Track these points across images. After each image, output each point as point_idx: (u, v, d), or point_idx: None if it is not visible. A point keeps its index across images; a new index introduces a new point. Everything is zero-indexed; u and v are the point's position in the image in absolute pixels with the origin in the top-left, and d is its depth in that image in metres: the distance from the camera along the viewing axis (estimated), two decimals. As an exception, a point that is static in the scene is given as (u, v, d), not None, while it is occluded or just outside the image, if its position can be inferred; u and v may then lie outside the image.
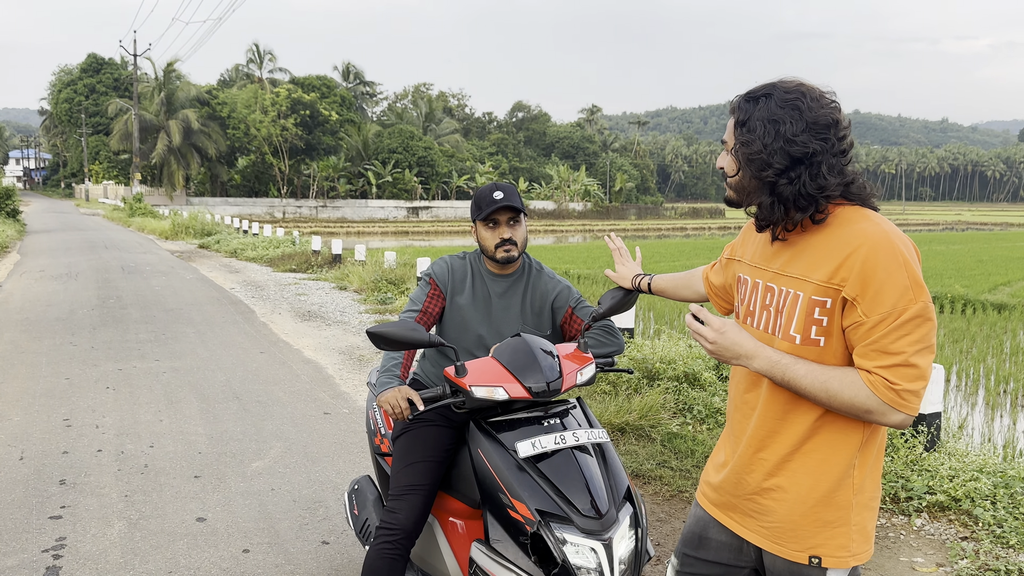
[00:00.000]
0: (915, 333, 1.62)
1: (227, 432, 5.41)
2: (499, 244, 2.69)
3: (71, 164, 79.46)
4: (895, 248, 1.64)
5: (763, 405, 1.85)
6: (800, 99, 1.71)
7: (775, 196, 1.74)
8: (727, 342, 1.80)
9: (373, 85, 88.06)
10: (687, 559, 2.03)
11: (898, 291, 1.62)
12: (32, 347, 8.09)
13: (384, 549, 2.58)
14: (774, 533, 1.83)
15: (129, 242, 23.24)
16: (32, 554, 3.62)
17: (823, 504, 1.77)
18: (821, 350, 1.73)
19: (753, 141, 1.73)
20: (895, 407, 1.64)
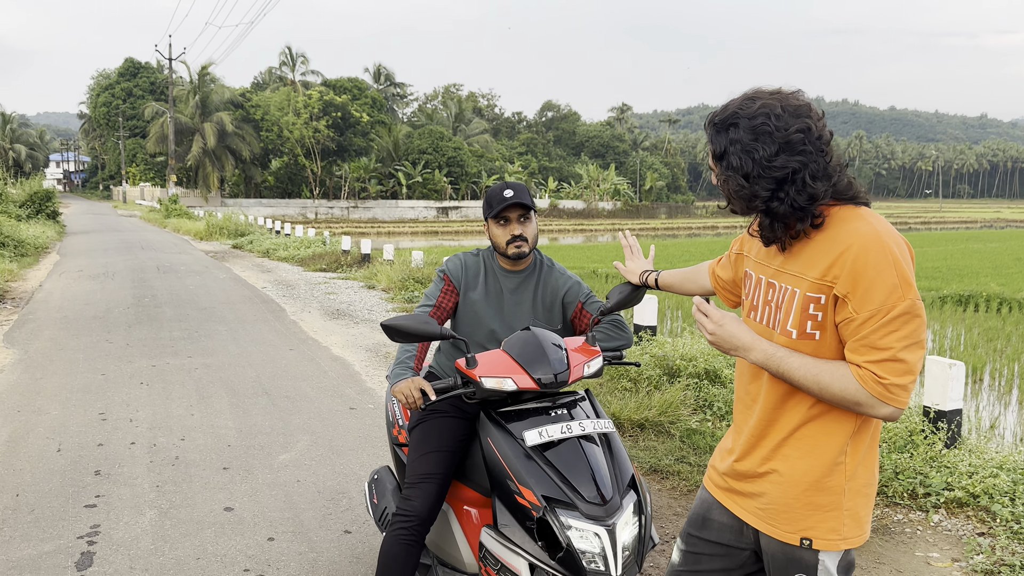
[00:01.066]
0: (903, 329, 1.67)
1: (256, 426, 5.56)
2: (510, 240, 2.77)
3: (109, 166, 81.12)
4: (885, 247, 1.69)
5: (764, 396, 1.91)
6: (767, 122, 1.72)
7: (771, 216, 1.79)
8: (725, 334, 1.88)
9: (404, 86, 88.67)
10: (691, 539, 2.10)
11: (887, 288, 1.67)
12: (70, 344, 8.35)
13: (400, 535, 2.67)
14: (769, 515, 1.89)
15: (165, 243, 23.73)
16: (68, 540, 3.77)
17: (815, 488, 1.83)
18: (817, 344, 1.78)
19: (732, 177, 1.77)
20: (883, 400, 1.69)
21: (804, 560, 1.86)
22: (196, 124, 55.80)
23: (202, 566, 3.54)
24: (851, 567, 1.91)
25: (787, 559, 1.88)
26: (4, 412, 5.85)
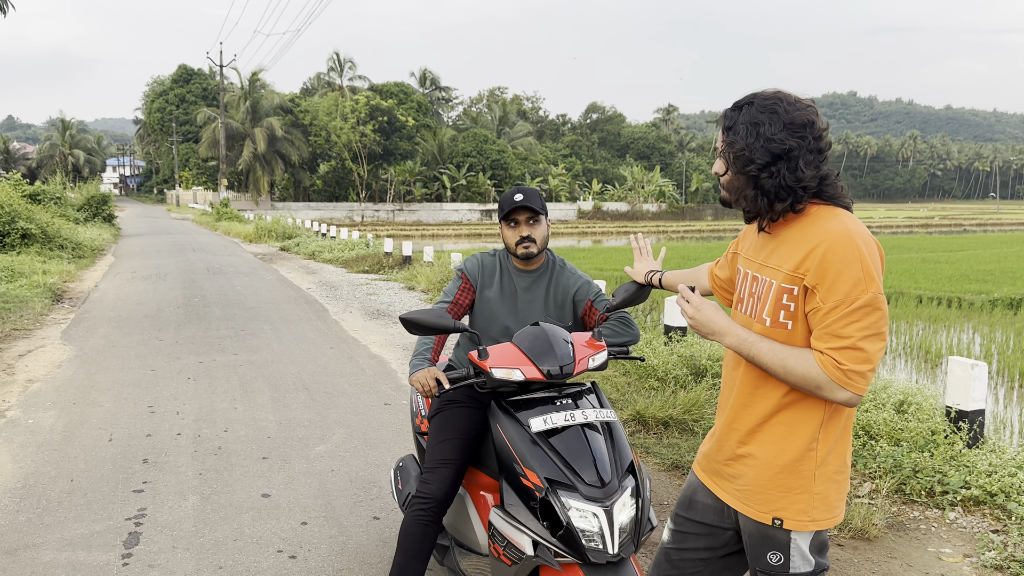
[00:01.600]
0: (864, 320, 1.80)
1: (295, 419, 5.82)
2: (519, 241, 2.94)
3: (163, 171, 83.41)
4: (853, 244, 1.82)
5: (740, 381, 2.06)
6: (777, 104, 1.91)
7: (758, 189, 1.94)
8: (703, 318, 2.03)
9: (449, 90, 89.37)
10: (679, 519, 2.24)
11: (851, 282, 1.80)
12: (123, 341, 8.75)
13: (418, 516, 2.86)
14: (744, 495, 2.03)
15: (215, 245, 24.42)
16: (117, 521, 4.05)
17: (787, 471, 1.96)
18: (789, 333, 1.92)
19: (737, 141, 1.94)
20: (841, 385, 1.82)
21: (777, 539, 1.99)
22: (247, 129, 57.12)
23: (239, 547, 3.78)
24: (824, 547, 2.03)
25: (762, 537, 2.02)
26: (61, 404, 6.20)
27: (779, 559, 2.00)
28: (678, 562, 2.23)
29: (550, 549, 2.42)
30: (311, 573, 3.53)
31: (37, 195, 23.33)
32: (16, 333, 9.28)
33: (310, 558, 3.68)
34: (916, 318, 11.63)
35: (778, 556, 2.00)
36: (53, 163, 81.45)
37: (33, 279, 13.07)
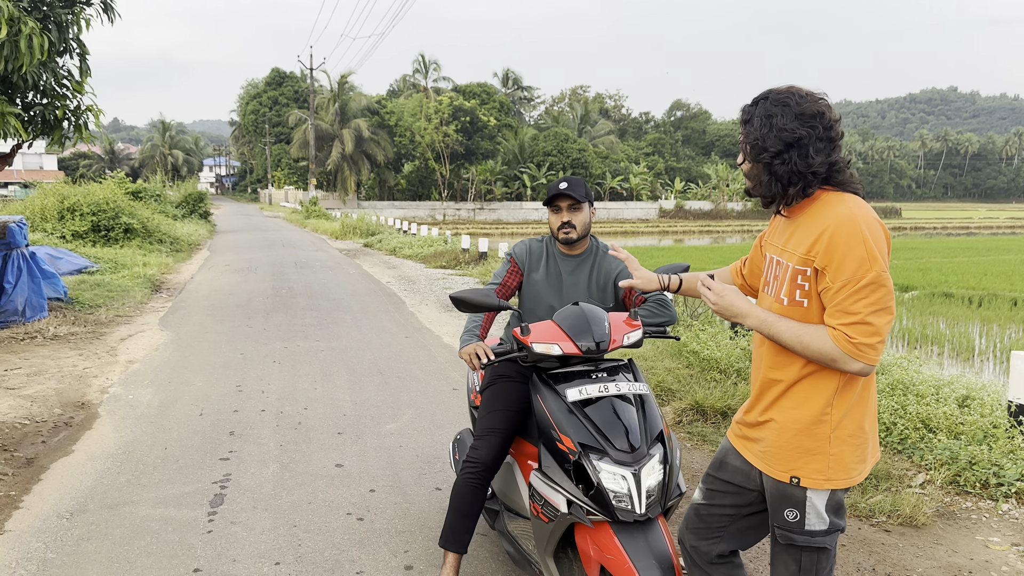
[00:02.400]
0: (870, 297, 1.97)
1: (369, 400, 6.19)
2: (560, 226, 3.17)
3: (256, 170, 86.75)
4: (858, 227, 1.99)
5: (766, 357, 2.24)
6: (789, 97, 2.10)
7: (771, 174, 2.12)
8: (725, 303, 2.22)
9: (531, 90, 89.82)
10: (709, 478, 2.44)
11: (856, 262, 1.97)
12: (215, 328, 9.37)
13: (468, 478, 3.13)
14: (766, 456, 2.21)
15: (303, 241, 25.44)
16: (205, 484, 4.47)
17: (804, 434, 2.14)
18: (805, 311, 2.10)
19: (752, 132, 2.14)
20: (853, 356, 1.99)
21: (794, 496, 2.16)
22: (335, 131, 58.88)
23: (312, 509, 4.13)
24: (840, 508, 2.19)
25: (780, 495, 2.19)
26: (157, 383, 6.76)
27: (795, 516, 2.16)
28: (706, 517, 2.42)
29: (582, 507, 2.63)
30: (376, 534, 3.84)
31: (139, 193, 24.79)
32: (119, 319, 10.04)
33: (376, 521, 3.99)
34: (1010, 321, 11.24)
35: (794, 513, 2.16)
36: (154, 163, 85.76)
37: (134, 271, 14.01)
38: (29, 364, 7.36)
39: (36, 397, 6.23)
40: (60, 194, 18.12)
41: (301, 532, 3.85)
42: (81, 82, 8.00)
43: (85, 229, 17.26)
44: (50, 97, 7.81)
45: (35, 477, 4.58)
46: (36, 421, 5.64)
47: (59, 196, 17.94)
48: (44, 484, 4.47)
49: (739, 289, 2.55)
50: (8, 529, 3.87)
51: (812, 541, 2.16)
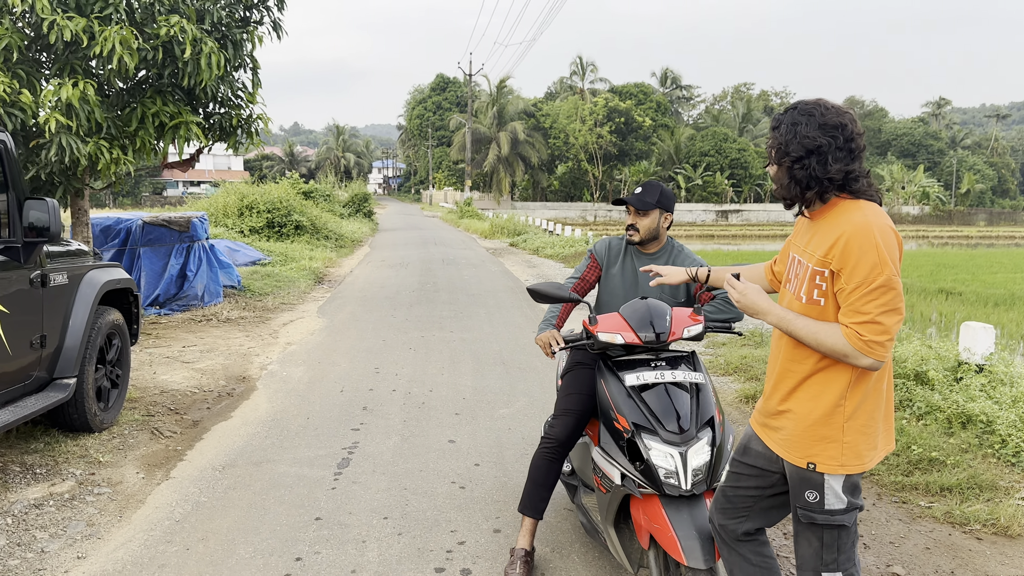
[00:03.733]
0: (881, 298, 2.15)
1: (488, 386, 6.67)
2: (627, 227, 3.46)
3: (420, 172, 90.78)
4: (871, 233, 2.17)
5: (784, 350, 2.45)
6: (815, 108, 2.31)
7: (792, 178, 2.34)
8: (748, 301, 2.46)
9: (690, 88, 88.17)
10: (735, 463, 2.66)
11: (868, 266, 2.16)
12: (364, 317, 10.23)
13: (544, 452, 3.48)
14: (786, 444, 2.42)
15: (454, 240, 26.61)
16: (335, 449, 5.09)
17: (819, 423, 2.33)
18: (822, 309, 2.30)
19: (778, 137, 2.37)
20: (864, 353, 2.18)
21: (812, 480, 2.35)
22: (493, 133, 60.69)
23: (423, 476, 4.63)
24: (856, 489, 2.36)
25: (800, 479, 2.39)
26: (309, 363, 7.57)
27: (815, 497, 2.36)
28: (732, 497, 2.65)
29: (634, 481, 2.92)
30: (475, 501, 4.28)
31: (310, 193, 26.84)
32: (283, 307, 11.15)
33: (476, 490, 4.43)
34: None
35: (814, 494, 2.36)
36: (328, 165, 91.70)
37: (301, 264, 15.36)
38: (203, 342, 8.43)
39: (206, 370, 7.18)
40: (240, 193, 20.05)
41: (410, 494, 4.35)
42: (253, 93, 9.02)
43: (261, 225, 19.02)
44: (226, 107, 8.88)
45: (198, 436, 5.38)
46: (204, 390, 6.54)
47: (239, 195, 19.86)
48: (204, 442, 5.25)
49: (769, 284, 2.75)
50: (173, 476, 4.63)
51: (832, 519, 2.34)
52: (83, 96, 6.94)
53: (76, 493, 4.31)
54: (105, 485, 4.44)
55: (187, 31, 7.32)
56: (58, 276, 4.75)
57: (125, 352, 5.65)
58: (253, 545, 3.72)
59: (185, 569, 3.49)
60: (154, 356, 7.64)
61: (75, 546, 3.72)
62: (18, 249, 4.37)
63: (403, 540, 3.79)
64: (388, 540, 3.79)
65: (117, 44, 6.88)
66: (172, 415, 5.79)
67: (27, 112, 6.98)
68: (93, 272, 5.21)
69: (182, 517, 4.04)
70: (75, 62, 7.42)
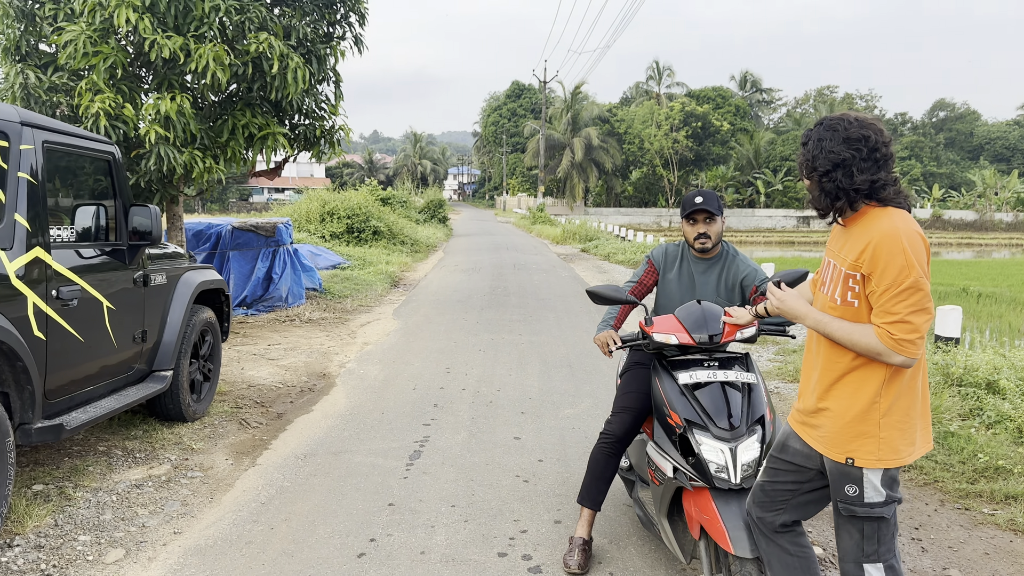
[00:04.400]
0: (909, 299, 2.28)
1: (554, 388, 6.87)
2: (696, 237, 3.60)
3: (494, 178, 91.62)
4: (898, 239, 2.30)
5: (821, 351, 2.58)
6: (839, 123, 2.45)
7: (821, 190, 2.48)
8: (786, 307, 2.61)
9: (771, 92, 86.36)
10: (773, 459, 2.79)
11: (897, 269, 2.29)
12: (437, 319, 10.56)
13: (602, 447, 3.66)
14: (825, 440, 2.54)
15: (526, 245, 26.89)
16: (407, 442, 5.37)
17: (856, 420, 2.45)
18: (856, 310, 2.43)
19: (807, 152, 2.51)
20: (895, 351, 2.30)
21: (852, 474, 2.48)
22: (567, 139, 60.80)
23: (489, 469, 4.86)
24: (894, 482, 2.47)
25: (840, 474, 2.51)
26: (384, 362, 7.91)
27: (855, 491, 2.48)
28: (770, 491, 2.77)
29: (685, 474, 3.08)
30: (536, 493, 4.48)
31: (387, 199, 27.55)
32: (361, 308, 11.60)
33: (539, 484, 4.63)
34: None
35: (854, 488, 2.48)
36: (405, 171, 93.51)
37: (378, 268, 15.86)
38: (287, 341, 8.89)
39: (290, 367, 7.60)
40: (322, 200, 20.79)
41: (476, 485, 4.59)
42: (335, 105, 9.47)
43: (341, 231, 19.69)
44: (311, 119, 9.35)
45: (282, 427, 5.75)
46: (287, 386, 6.94)
47: (321, 202, 20.60)
48: (288, 433, 5.61)
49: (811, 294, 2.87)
50: (259, 463, 4.99)
51: (872, 512, 2.45)
52: (180, 109, 7.46)
53: (172, 476, 4.70)
54: (197, 470, 4.83)
55: (275, 47, 7.78)
56: (158, 276, 5.18)
57: (216, 348, 6.08)
58: (331, 526, 4.02)
59: (270, 546, 3.80)
60: (242, 353, 8.12)
61: (171, 523, 4.08)
62: (124, 251, 4.80)
63: (469, 526, 4.03)
64: (455, 526, 4.03)
65: (211, 60, 7.37)
66: (258, 408, 6.19)
67: (129, 124, 7.55)
68: (189, 273, 5.64)
69: (267, 500, 4.38)
70: (172, 77, 7.98)
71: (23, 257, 3.84)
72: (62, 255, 4.18)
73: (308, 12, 9.01)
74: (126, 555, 3.71)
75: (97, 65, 7.41)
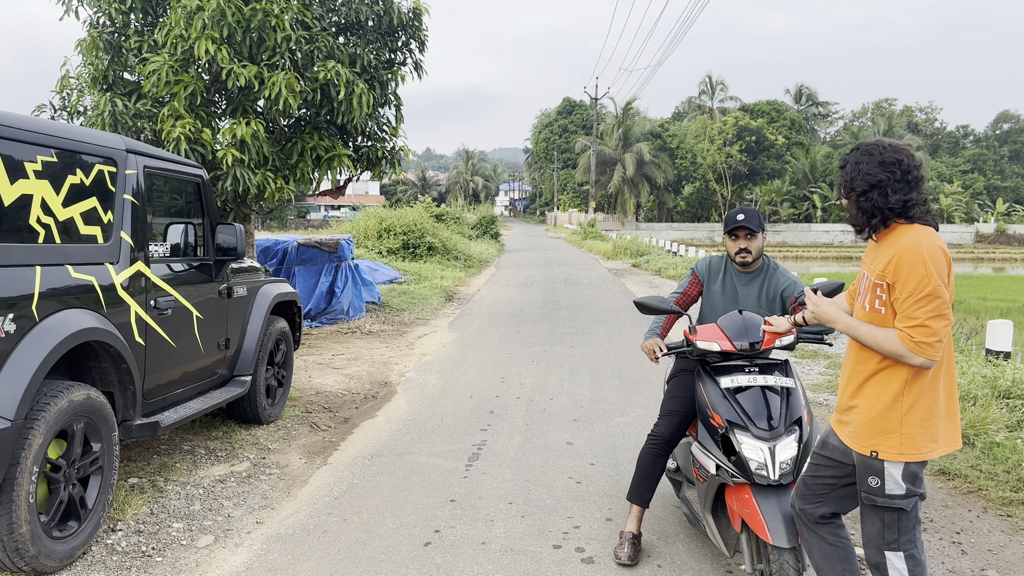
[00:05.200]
0: (929, 305, 2.53)
1: (605, 397, 7.13)
2: (738, 252, 3.87)
3: (545, 194, 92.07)
4: (920, 252, 2.56)
5: (854, 354, 2.83)
6: (875, 148, 2.72)
7: (859, 208, 2.74)
8: (820, 312, 2.87)
9: (827, 105, 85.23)
10: (815, 455, 3.03)
11: (917, 278, 2.54)
12: (491, 332, 10.91)
13: (650, 447, 3.93)
14: (853, 434, 2.79)
15: (577, 260, 27.14)
16: (466, 445, 5.70)
17: (880, 416, 2.70)
18: (883, 317, 2.69)
19: (846, 174, 2.78)
20: (916, 352, 2.55)
21: (875, 467, 2.72)
22: (618, 155, 60.93)
23: (543, 471, 5.16)
24: (915, 478, 2.70)
25: (865, 466, 2.75)
26: (441, 372, 8.27)
27: (877, 483, 2.72)
28: (811, 485, 3.02)
29: (727, 471, 3.34)
30: (588, 494, 4.76)
31: (441, 216, 28.14)
32: (418, 321, 12.02)
33: (590, 485, 4.91)
34: None
35: (876, 480, 2.72)
36: (457, 188, 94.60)
37: (433, 282, 16.32)
38: (349, 352, 9.34)
39: (353, 376, 8.02)
40: (379, 217, 21.42)
41: (531, 486, 4.89)
42: (396, 127, 9.95)
43: (397, 246, 20.26)
44: (373, 140, 9.84)
45: (349, 431, 6.13)
46: (352, 393, 7.35)
47: (378, 219, 21.23)
48: (355, 436, 5.99)
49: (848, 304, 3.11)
50: (330, 462, 5.37)
51: (891, 503, 2.69)
52: (254, 133, 7.99)
53: (251, 473, 5.11)
54: (274, 467, 5.23)
55: (341, 74, 8.27)
56: (239, 289, 5.63)
57: (289, 356, 6.51)
58: (399, 519, 4.36)
59: (343, 535, 4.16)
60: (308, 363, 8.58)
61: (254, 514, 4.47)
62: (211, 265, 5.26)
63: (525, 521, 4.33)
64: (512, 521, 4.34)
65: (283, 87, 7.88)
66: (326, 412, 6.60)
67: (207, 148, 8.10)
68: (266, 286, 6.09)
69: (339, 495, 4.74)
70: (246, 104, 8.53)
71: (127, 270, 4.30)
72: (158, 269, 4.64)
73: (372, 40, 9.51)
74: (215, 541, 4.11)
75: (178, 93, 7.99)
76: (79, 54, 8.86)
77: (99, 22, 8.88)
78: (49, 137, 3.79)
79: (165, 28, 8.11)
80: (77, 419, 3.78)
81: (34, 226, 3.67)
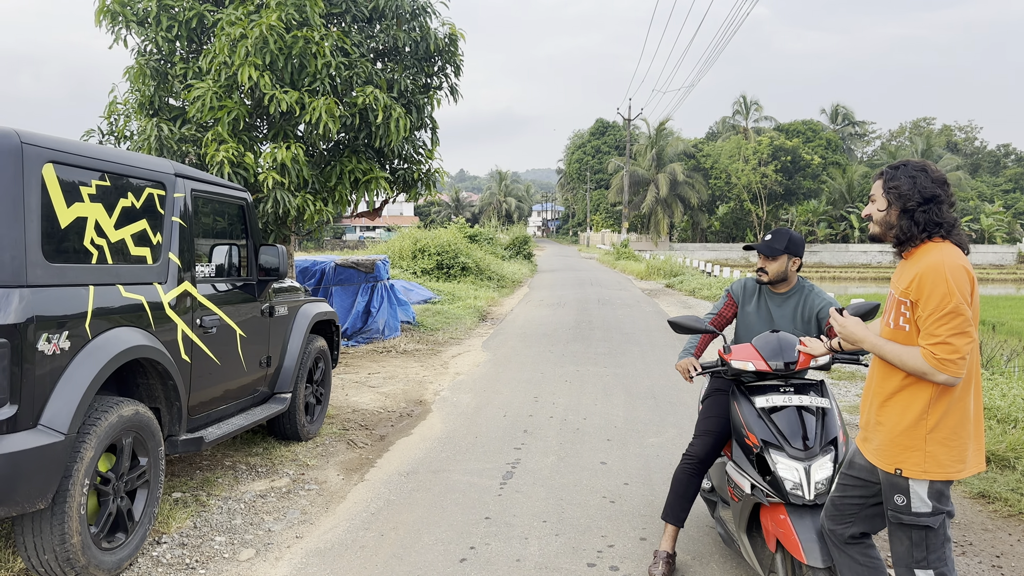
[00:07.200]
0: (951, 323, 2.55)
1: (639, 418, 7.14)
2: (757, 270, 3.91)
3: (578, 215, 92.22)
4: (942, 271, 2.60)
5: (878, 371, 2.86)
6: (926, 166, 2.78)
7: (912, 220, 2.77)
8: (847, 332, 2.91)
9: (864, 124, 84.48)
10: (843, 475, 3.04)
11: (939, 296, 2.57)
12: (524, 351, 10.97)
13: (685, 467, 3.96)
14: (877, 452, 2.80)
15: (610, 281, 27.12)
16: (499, 464, 5.75)
17: (904, 434, 2.71)
18: (907, 334, 2.71)
19: (900, 187, 2.80)
20: (939, 370, 2.57)
21: (900, 485, 2.72)
22: (651, 175, 60.90)
23: (577, 490, 5.19)
24: (941, 496, 2.69)
25: (890, 484, 2.76)
26: (475, 391, 8.35)
27: (903, 500, 2.72)
28: (840, 505, 3.02)
29: (762, 490, 3.35)
30: (623, 513, 4.78)
31: (475, 236, 28.35)
32: (452, 341, 12.12)
33: (624, 505, 4.93)
34: None
35: (902, 498, 2.73)
36: (491, 209, 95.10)
37: (467, 302, 16.44)
38: (385, 370, 9.45)
39: (389, 394, 8.13)
40: (414, 237, 21.66)
41: (565, 504, 4.92)
42: (432, 150, 10.12)
43: (431, 267, 20.46)
44: (409, 163, 10.01)
45: (385, 448, 6.22)
46: (388, 411, 7.45)
47: (413, 239, 21.47)
48: (391, 453, 6.08)
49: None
50: (367, 479, 5.46)
51: (918, 520, 2.69)
52: (294, 157, 8.19)
53: (291, 488, 5.22)
54: (313, 483, 5.33)
55: (379, 99, 8.46)
56: (281, 308, 5.77)
57: (327, 374, 6.64)
58: (435, 535, 4.42)
59: (381, 550, 4.23)
60: (345, 381, 8.71)
61: (293, 528, 4.57)
62: (254, 286, 5.41)
63: (560, 539, 4.36)
64: (547, 538, 4.37)
65: (323, 112, 8.08)
66: (363, 430, 6.70)
67: (249, 171, 8.32)
68: (306, 305, 6.23)
69: (376, 511, 4.82)
70: (287, 128, 8.75)
71: (175, 290, 4.45)
72: (204, 288, 4.79)
73: (409, 66, 9.72)
74: (256, 554, 4.20)
75: (222, 118, 8.23)
76: (127, 80, 9.17)
77: (146, 50, 9.18)
78: (103, 162, 3.97)
79: (209, 55, 8.37)
80: (126, 434, 3.91)
81: (88, 247, 3.83)
